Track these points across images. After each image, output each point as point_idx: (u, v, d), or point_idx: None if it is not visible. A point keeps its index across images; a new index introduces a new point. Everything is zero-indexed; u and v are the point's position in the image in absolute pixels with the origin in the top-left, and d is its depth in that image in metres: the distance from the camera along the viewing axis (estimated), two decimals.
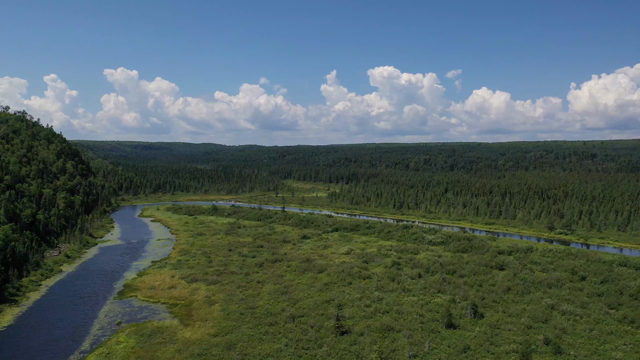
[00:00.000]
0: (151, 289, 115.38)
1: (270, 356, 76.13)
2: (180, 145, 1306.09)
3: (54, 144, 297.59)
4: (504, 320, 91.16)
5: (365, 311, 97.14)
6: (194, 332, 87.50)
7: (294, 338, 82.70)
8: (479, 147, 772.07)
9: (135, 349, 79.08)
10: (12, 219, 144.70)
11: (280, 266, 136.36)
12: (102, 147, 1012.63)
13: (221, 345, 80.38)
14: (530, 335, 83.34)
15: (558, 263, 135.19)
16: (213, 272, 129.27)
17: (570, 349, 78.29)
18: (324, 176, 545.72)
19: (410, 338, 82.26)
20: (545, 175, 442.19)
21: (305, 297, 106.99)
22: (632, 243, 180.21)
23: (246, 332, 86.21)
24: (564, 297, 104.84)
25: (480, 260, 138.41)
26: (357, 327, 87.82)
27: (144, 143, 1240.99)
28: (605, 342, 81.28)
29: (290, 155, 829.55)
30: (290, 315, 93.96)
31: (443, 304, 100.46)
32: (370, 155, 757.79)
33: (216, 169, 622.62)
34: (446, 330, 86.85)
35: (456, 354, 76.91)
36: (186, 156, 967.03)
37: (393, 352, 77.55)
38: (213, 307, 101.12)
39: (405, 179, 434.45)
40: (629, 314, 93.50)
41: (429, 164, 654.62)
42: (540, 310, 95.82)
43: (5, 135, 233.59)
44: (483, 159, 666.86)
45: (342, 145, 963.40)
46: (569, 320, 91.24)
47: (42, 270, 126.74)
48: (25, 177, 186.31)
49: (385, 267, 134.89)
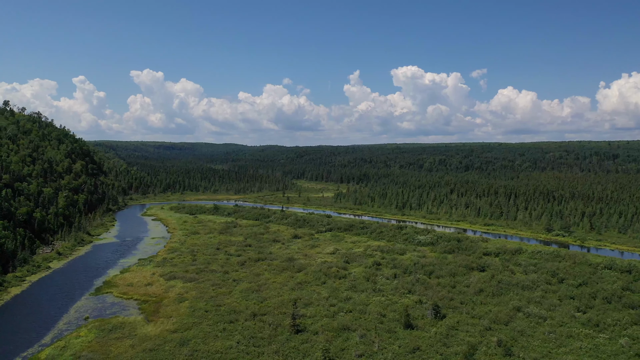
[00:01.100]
0: (128, 286, 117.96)
1: (219, 352, 77.28)
2: (202, 145, 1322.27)
3: (65, 144, 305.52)
4: (464, 322, 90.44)
5: (329, 310, 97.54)
6: (155, 328, 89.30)
7: (248, 335, 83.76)
8: (499, 148, 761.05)
9: (92, 343, 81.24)
10: (6, 217, 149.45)
11: (261, 265, 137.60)
12: (126, 147, 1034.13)
13: (175, 341, 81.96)
14: (486, 337, 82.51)
15: (542, 265, 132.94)
16: (194, 270, 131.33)
17: (522, 351, 77.32)
18: (336, 176, 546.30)
19: (363, 337, 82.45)
20: (560, 176, 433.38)
21: (274, 296, 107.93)
22: (629, 245, 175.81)
23: (204, 329, 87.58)
24: (534, 300, 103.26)
25: (462, 262, 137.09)
26: (314, 326, 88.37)
27: (167, 143, 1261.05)
28: (561, 346, 79.96)
29: (309, 156, 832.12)
30: (252, 313, 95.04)
31: (409, 305, 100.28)
32: (386, 155, 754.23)
33: (231, 169, 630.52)
34: (403, 331, 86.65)
35: (404, 354, 76.75)
36: (207, 156, 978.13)
37: (342, 351, 77.87)
38: (182, 304, 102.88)
39: (415, 179, 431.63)
40: (595, 317, 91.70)
41: (443, 164, 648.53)
42: (505, 312, 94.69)
43: (14, 136, 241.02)
44: (500, 159, 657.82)
45: (362, 146, 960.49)
46: (531, 323, 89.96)
47: (29, 267, 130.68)
48: (26, 176, 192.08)
49: (365, 267, 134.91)
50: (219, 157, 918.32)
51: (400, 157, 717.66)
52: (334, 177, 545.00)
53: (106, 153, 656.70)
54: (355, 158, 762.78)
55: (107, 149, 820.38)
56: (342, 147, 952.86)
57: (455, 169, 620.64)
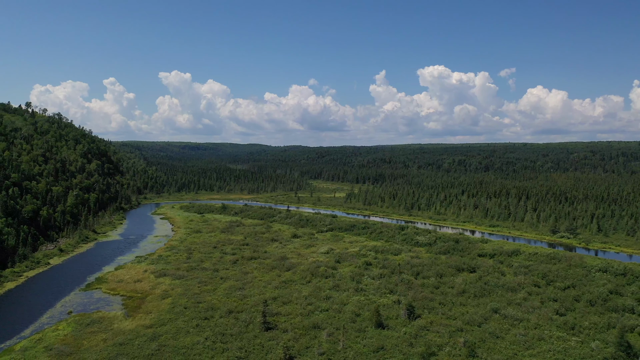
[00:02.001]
0: (118, 282, 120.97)
1: (186, 348, 78.87)
2: (227, 145, 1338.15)
3: (81, 145, 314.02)
4: (438, 322, 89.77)
5: (305, 309, 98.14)
6: (132, 323, 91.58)
7: (218, 332, 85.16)
8: (524, 148, 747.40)
9: (67, 337, 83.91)
10: (11, 214, 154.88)
11: (252, 264, 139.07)
12: (152, 148, 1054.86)
13: (147, 335, 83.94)
14: (454, 338, 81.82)
15: (534, 267, 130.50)
16: (185, 268, 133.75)
17: (487, 352, 76.49)
18: (351, 177, 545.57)
19: (330, 336, 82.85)
20: (581, 177, 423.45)
21: (256, 294, 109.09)
22: (635, 248, 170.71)
23: (179, 325, 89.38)
24: (515, 301, 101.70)
25: (453, 262, 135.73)
26: (286, 323, 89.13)
27: (192, 144, 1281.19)
28: (530, 348, 78.71)
29: (330, 156, 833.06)
30: (229, 310, 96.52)
31: (387, 304, 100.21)
32: (406, 156, 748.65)
33: (250, 169, 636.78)
34: (374, 330, 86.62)
35: (367, 353, 76.87)
36: (230, 156, 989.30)
37: (307, 349, 78.48)
38: (164, 301, 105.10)
39: (430, 180, 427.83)
40: (572, 320, 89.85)
41: (463, 165, 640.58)
42: (481, 314, 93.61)
43: (29, 137, 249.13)
44: (522, 160, 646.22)
45: (385, 146, 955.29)
46: (506, 325, 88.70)
47: (28, 262, 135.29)
48: (36, 176, 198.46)
49: (355, 267, 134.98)
50: (242, 158, 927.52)
51: (420, 158, 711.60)
52: (350, 178, 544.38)
53: (131, 153, 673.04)
54: (374, 158, 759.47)
55: (132, 149, 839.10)
56: (364, 147, 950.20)
57: (475, 169, 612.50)
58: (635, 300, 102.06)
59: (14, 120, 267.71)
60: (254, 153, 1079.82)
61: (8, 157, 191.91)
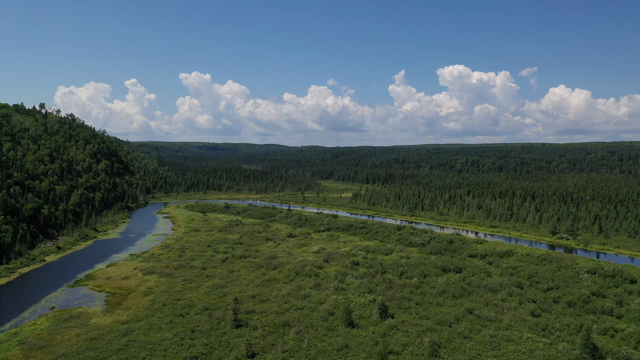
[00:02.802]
0: (106, 279, 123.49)
1: (153, 343, 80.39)
2: (244, 146, 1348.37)
3: (91, 145, 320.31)
4: (409, 322, 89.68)
5: (281, 307, 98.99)
6: (109, 318, 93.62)
7: (189, 328, 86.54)
8: (542, 149, 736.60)
9: (42, 331, 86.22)
10: (11, 212, 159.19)
11: (241, 262, 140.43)
12: (170, 148, 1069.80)
13: (120, 331, 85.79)
14: (421, 337, 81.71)
15: (522, 268, 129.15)
16: (175, 266, 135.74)
17: (451, 352, 76.29)
18: (362, 177, 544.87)
19: (298, 334, 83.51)
20: (596, 178, 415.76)
21: (237, 292, 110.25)
22: (634, 250, 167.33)
23: (153, 321, 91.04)
24: (492, 302, 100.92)
25: (442, 263, 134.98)
26: (257, 321, 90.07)
27: (210, 144, 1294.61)
28: (495, 349, 78.19)
29: (345, 156, 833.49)
30: (205, 307, 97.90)
31: (364, 304, 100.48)
32: (419, 156, 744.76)
33: (264, 169, 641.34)
34: (344, 329, 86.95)
35: (331, 351, 77.34)
36: (247, 156, 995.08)
37: (272, 346, 79.25)
38: (146, 298, 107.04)
39: (439, 180, 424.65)
40: (544, 321, 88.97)
41: (476, 165, 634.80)
42: (453, 314, 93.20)
43: (38, 136, 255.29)
44: (538, 160, 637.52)
45: (402, 147, 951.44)
46: (477, 325, 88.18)
47: (23, 259, 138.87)
48: (40, 175, 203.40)
49: (342, 266, 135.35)
50: (258, 158, 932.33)
51: (433, 158, 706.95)
52: (360, 178, 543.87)
53: (145, 153, 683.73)
54: (388, 159, 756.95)
55: (150, 149, 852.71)
56: (380, 147, 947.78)
57: (488, 170, 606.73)
58: (616, 302, 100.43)
59: (23, 121, 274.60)
60: (270, 153, 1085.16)
61: (13, 156, 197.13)
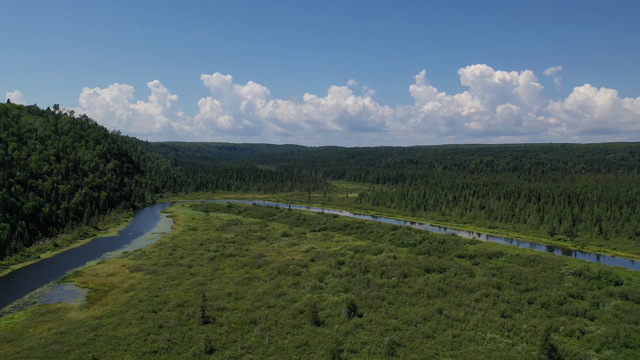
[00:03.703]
0: (93, 276, 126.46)
1: (119, 338, 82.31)
2: (263, 146, 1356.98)
3: (101, 145, 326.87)
4: (376, 321, 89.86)
5: (254, 305, 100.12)
6: (85, 314, 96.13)
7: (158, 324, 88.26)
8: (561, 149, 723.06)
9: (17, 325, 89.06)
10: (10, 210, 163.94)
11: (228, 261, 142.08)
12: (189, 148, 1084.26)
13: (90, 326, 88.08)
14: (381, 337, 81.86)
15: (507, 269, 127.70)
16: (163, 264, 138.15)
17: (409, 352, 76.38)
18: (372, 177, 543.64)
19: (262, 331, 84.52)
20: (611, 179, 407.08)
21: (216, 289, 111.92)
22: (630, 252, 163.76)
23: (125, 317, 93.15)
24: (465, 303, 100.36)
25: (427, 263, 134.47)
26: (223, 318, 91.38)
27: (229, 144, 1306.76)
28: (455, 349, 77.97)
29: (360, 156, 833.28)
30: (178, 304, 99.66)
31: (337, 302, 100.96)
32: (434, 156, 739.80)
33: (278, 169, 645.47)
34: (310, 327, 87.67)
35: (290, 348, 78.14)
36: (264, 157, 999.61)
37: (233, 342, 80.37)
38: (126, 294, 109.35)
39: (449, 180, 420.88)
40: (511, 322, 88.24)
41: (490, 165, 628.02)
42: (423, 314, 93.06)
43: (46, 137, 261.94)
44: (554, 161, 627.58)
45: (422, 147, 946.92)
46: (443, 325, 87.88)
47: (17, 256, 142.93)
48: (43, 174, 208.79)
49: (327, 265, 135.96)
50: (276, 158, 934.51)
51: (448, 158, 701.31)
52: (371, 178, 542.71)
53: (160, 153, 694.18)
54: (402, 159, 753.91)
55: (168, 149, 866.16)
56: (397, 148, 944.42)
57: (502, 170, 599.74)
58: (592, 304, 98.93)
59: (33, 122, 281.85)
60: (287, 154, 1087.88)
61: (17, 156, 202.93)
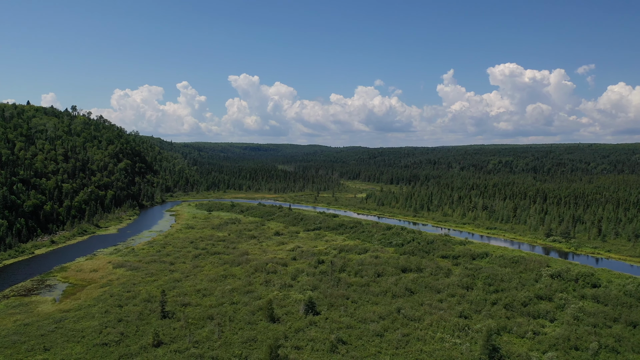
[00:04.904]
0: (77, 271, 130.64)
1: (77, 330, 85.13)
2: (287, 147, 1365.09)
3: (114, 145, 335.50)
4: (332, 319, 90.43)
5: (218, 301, 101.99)
6: (54, 307, 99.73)
7: (118, 318, 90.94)
8: (588, 149, 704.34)
9: None
10: (9, 208, 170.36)
11: (211, 259, 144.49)
12: (214, 149, 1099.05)
13: (54, 318, 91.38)
14: (332, 334, 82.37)
15: (486, 269, 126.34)
16: (147, 260, 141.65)
17: (352, 349, 76.88)
18: (386, 178, 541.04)
19: (216, 327, 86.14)
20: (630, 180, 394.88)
21: (189, 286, 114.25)
22: (625, 254, 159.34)
23: (91, 311, 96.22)
24: (427, 303, 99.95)
25: (406, 263, 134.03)
26: (182, 313, 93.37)
27: (254, 145, 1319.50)
28: (400, 347, 78.01)
29: (382, 157, 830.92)
30: (145, 299, 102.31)
31: (301, 300, 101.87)
32: (453, 157, 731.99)
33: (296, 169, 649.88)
34: (265, 324, 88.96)
35: (236, 343, 79.51)
36: (287, 157, 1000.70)
37: (184, 336, 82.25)
38: (101, 289, 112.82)
39: (462, 181, 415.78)
40: (464, 322, 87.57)
41: (508, 166, 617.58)
42: (380, 312, 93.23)
43: (56, 137, 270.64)
44: (576, 161, 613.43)
45: (445, 147, 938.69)
46: (397, 324, 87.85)
47: (11, 251, 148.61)
48: (48, 173, 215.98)
49: (307, 264, 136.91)
50: (298, 158, 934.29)
51: (468, 159, 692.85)
52: (385, 179, 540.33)
53: (187, 154, 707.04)
54: (421, 160, 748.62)
55: (192, 149, 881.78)
56: (420, 148, 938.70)
57: (521, 171, 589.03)
58: (558, 306, 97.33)
59: (45, 123, 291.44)
60: (310, 154, 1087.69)
61: (22, 155, 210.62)
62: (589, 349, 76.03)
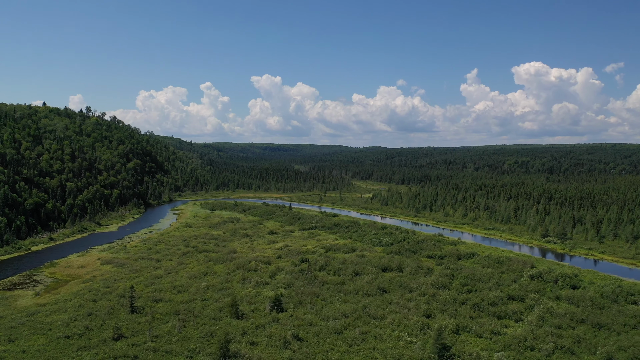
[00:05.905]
0: (65, 267, 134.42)
1: (46, 323, 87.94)
2: (307, 147, 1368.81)
3: (124, 145, 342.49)
4: (296, 317, 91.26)
5: (190, 297, 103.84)
6: (33, 300, 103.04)
7: (87, 312, 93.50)
8: (611, 150, 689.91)
9: None
10: (10, 206, 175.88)
11: (198, 256, 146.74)
12: (234, 149, 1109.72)
13: (29, 311, 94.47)
14: (286, 331, 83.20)
15: (467, 269, 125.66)
16: (135, 257, 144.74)
17: (304, 345, 77.64)
18: (398, 178, 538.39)
19: (180, 322, 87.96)
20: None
21: (167, 282, 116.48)
22: (619, 256, 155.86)
23: (65, 305, 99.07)
24: (395, 301, 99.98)
25: (387, 262, 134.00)
26: (150, 309, 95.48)
27: (274, 145, 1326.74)
28: (354, 345, 78.43)
29: (399, 157, 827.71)
30: (120, 295, 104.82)
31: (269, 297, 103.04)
32: (469, 157, 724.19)
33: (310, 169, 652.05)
34: (229, 320, 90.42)
35: (195, 338, 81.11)
36: (306, 157, 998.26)
37: (146, 331, 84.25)
38: (83, 284, 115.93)
39: (471, 181, 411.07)
40: (425, 321, 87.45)
41: (524, 166, 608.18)
42: (344, 310, 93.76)
43: (65, 137, 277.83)
44: (595, 162, 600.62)
45: (467, 147, 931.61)
46: (359, 323, 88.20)
47: (8, 248, 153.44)
48: (52, 172, 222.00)
49: (291, 263, 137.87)
50: (316, 158, 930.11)
51: (485, 159, 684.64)
52: (396, 179, 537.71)
53: (204, 154, 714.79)
54: (437, 160, 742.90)
55: (212, 150, 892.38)
56: (440, 148, 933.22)
57: (537, 171, 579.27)
58: (527, 307, 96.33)
59: (56, 123, 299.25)
60: (329, 154, 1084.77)
61: (28, 155, 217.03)
62: (543, 349, 75.20)
